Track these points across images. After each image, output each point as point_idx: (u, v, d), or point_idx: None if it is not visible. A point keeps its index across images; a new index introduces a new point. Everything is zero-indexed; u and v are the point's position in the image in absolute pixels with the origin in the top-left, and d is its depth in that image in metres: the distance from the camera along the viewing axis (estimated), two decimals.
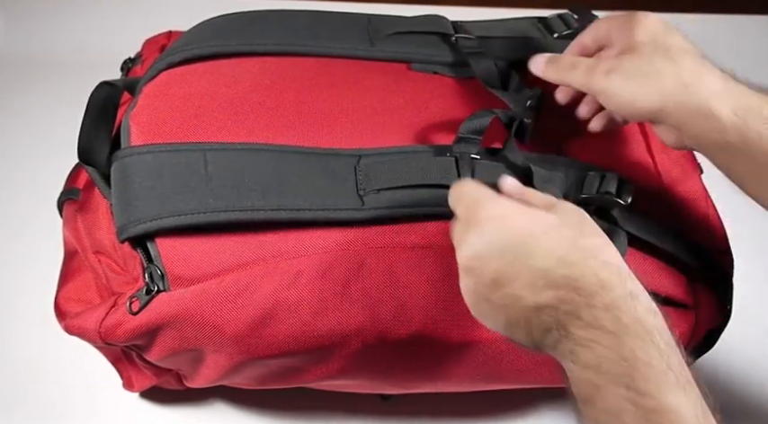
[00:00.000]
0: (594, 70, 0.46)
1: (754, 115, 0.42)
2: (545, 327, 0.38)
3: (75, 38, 0.98)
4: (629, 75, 0.44)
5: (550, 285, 0.37)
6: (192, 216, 0.47)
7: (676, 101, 0.43)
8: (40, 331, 0.64)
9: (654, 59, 0.44)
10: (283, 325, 0.48)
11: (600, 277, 0.37)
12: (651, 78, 0.44)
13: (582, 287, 0.37)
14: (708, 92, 0.43)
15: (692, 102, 0.43)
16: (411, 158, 0.50)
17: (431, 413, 0.64)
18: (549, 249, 0.38)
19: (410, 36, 0.60)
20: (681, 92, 0.43)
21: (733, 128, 0.42)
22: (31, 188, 0.79)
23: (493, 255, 0.39)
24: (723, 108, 0.42)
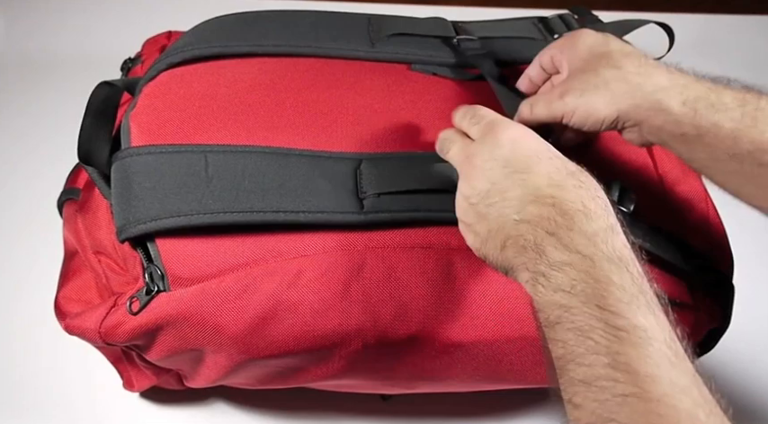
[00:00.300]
0: (551, 99, 0.48)
1: (703, 104, 0.44)
2: (521, 244, 0.39)
3: (75, 38, 0.98)
4: (581, 91, 0.47)
5: (537, 201, 0.39)
6: (191, 217, 0.47)
7: (629, 103, 0.45)
8: (40, 331, 0.64)
9: (599, 70, 0.46)
10: (283, 325, 0.48)
11: (586, 205, 0.38)
12: (601, 88, 0.46)
13: (567, 211, 0.38)
14: (655, 87, 0.44)
15: (643, 101, 0.45)
16: (412, 163, 0.50)
17: (431, 413, 0.64)
18: (548, 171, 0.40)
19: (411, 37, 0.60)
20: (631, 93, 0.45)
21: (685, 120, 0.44)
22: (31, 188, 0.79)
23: (496, 164, 0.41)
24: (672, 100, 0.44)
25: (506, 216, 0.40)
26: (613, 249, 0.37)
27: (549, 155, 0.41)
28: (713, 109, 0.43)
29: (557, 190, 0.39)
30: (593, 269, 0.36)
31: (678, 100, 0.44)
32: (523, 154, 0.41)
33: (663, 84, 0.44)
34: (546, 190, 0.39)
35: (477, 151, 0.43)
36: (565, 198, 0.38)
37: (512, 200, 0.40)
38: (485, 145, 0.42)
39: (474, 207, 0.42)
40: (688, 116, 0.44)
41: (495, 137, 0.42)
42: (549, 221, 0.38)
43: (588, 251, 0.37)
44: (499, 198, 0.40)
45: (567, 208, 0.38)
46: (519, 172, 0.40)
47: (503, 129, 0.42)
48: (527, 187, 0.39)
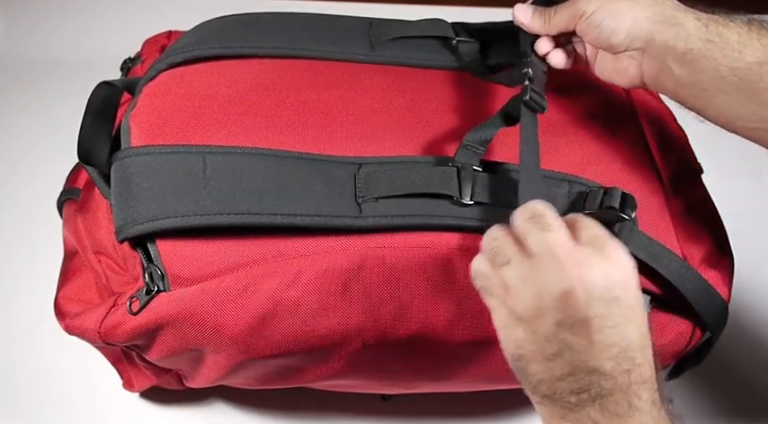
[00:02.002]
0: (574, 3, 0.50)
1: (714, 22, 0.46)
2: (581, 387, 0.37)
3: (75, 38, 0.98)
4: (599, 2, 0.48)
5: (620, 357, 0.37)
6: (187, 218, 0.47)
7: (647, 14, 0.47)
8: (40, 331, 0.64)
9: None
10: (283, 325, 0.48)
11: (651, 366, 0.38)
12: (619, 5, 0.48)
13: (642, 374, 0.37)
14: (674, 5, 0.48)
15: (660, 15, 0.47)
16: (411, 167, 0.50)
17: (431, 413, 0.64)
18: (639, 321, 0.38)
19: (411, 40, 0.60)
20: (651, 5, 0.48)
21: (696, 33, 0.46)
22: (31, 187, 0.79)
23: (603, 298, 0.37)
24: (689, 17, 0.47)
25: (582, 360, 0.37)
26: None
27: (636, 295, 0.38)
28: (722, 25, 0.46)
29: (639, 351, 0.37)
30: None
31: (695, 16, 0.47)
32: (627, 289, 0.37)
33: (680, 5, 0.48)
34: (634, 346, 0.37)
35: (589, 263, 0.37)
36: (644, 360, 0.37)
37: (599, 344, 0.37)
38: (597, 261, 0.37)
39: (556, 326, 0.37)
40: (699, 29, 0.46)
41: (608, 256, 0.38)
42: (621, 378, 0.37)
43: None
44: (587, 338, 0.37)
45: (643, 371, 0.37)
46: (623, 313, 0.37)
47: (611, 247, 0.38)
48: (622, 338, 0.37)
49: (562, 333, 0.37)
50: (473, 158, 0.50)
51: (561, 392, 0.38)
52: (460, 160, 0.50)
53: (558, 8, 0.51)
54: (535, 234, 0.38)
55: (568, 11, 0.50)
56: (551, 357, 0.38)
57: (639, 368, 0.37)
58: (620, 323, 0.37)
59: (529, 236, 0.39)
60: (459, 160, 0.50)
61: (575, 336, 0.37)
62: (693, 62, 0.46)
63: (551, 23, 0.52)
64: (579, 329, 0.37)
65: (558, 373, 0.38)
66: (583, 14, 0.49)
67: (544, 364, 0.38)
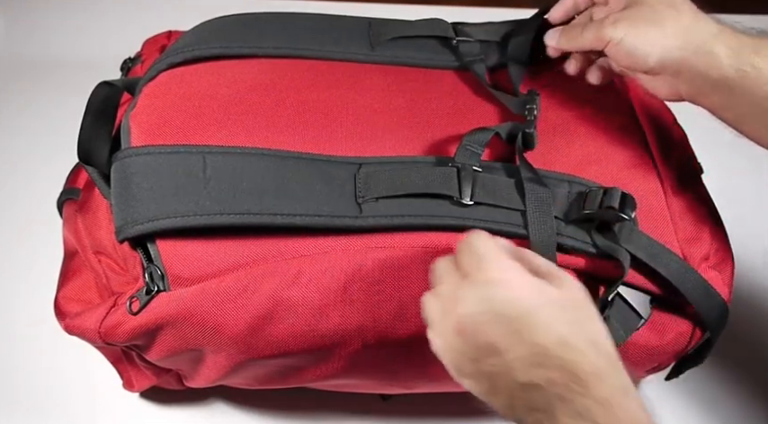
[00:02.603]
0: (603, 23, 0.49)
1: (748, 50, 0.46)
2: (530, 406, 0.37)
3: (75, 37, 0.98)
4: (635, 22, 0.48)
5: (545, 364, 0.36)
6: (187, 218, 0.47)
7: (677, 44, 0.47)
8: (40, 331, 0.64)
9: (657, 8, 0.48)
10: (283, 325, 0.48)
11: (598, 366, 0.36)
12: (656, 24, 0.48)
13: (578, 374, 0.36)
14: (706, 32, 0.47)
15: (691, 44, 0.47)
16: (411, 166, 0.50)
17: (431, 413, 0.64)
18: (551, 327, 0.37)
19: (411, 40, 0.60)
20: (682, 34, 0.47)
21: (728, 63, 0.46)
22: (30, 187, 0.79)
23: (492, 320, 0.37)
24: (719, 45, 0.46)
25: (512, 379, 0.37)
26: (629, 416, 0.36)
27: (546, 303, 0.38)
28: (756, 54, 0.45)
29: (565, 351, 0.36)
30: None
31: (724, 44, 0.46)
32: (518, 306, 0.37)
33: (713, 31, 0.47)
34: (554, 352, 0.36)
35: (461, 294, 0.39)
36: (575, 360, 0.36)
37: (517, 363, 0.37)
38: (470, 291, 0.38)
39: (473, 363, 0.38)
40: (731, 59, 0.46)
41: (479, 282, 0.38)
42: (559, 387, 0.36)
43: (604, 421, 0.35)
44: (502, 359, 0.37)
45: (578, 372, 0.36)
46: (520, 330, 0.37)
47: (487, 270, 0.38)
48: (532, 348, 0.36)
49: (481, 366, 0.38)
50: (473, 158, 0.50)
51: (521, 416, 0.38)
52: (460, 160, 0.50)
53: (585, 30, 0.51)
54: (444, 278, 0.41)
55: (595, 34, 0.50)
56: (489, 390, 0.39)
57: (574, 365, 0.36)
58: (522, 335, 0.37)
59: None
60: (458, 160, 0.50)
61: (492, 365, 0.37)
62: (728, 89, 0.46)
63: (577, 43, 0.53)
64: (491, 356, 0.37)
65: (506, 401, 0.38)
66: (610, 41, 0.49)
67: (489, 397, 0.39)
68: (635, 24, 0.48)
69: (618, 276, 0.48)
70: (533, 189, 0.49)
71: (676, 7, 0.48)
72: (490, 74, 0.59)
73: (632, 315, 0.50)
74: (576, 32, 0.52)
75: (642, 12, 0.49)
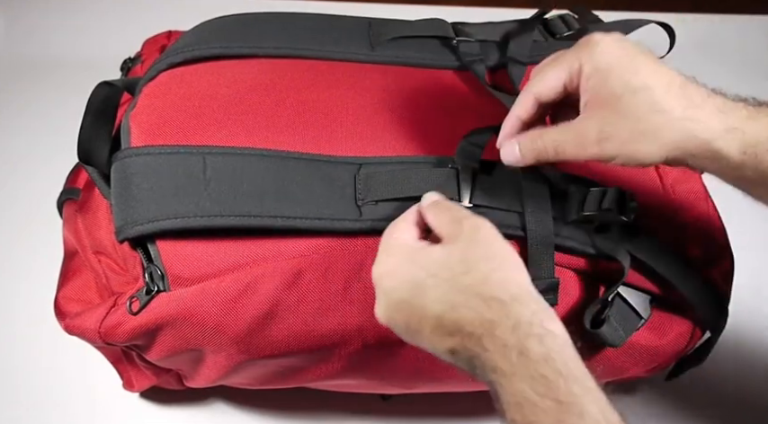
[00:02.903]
0: (584, 143, 0.42)
1: (764, 147, 0.40)
2: (468, 365, 0.40)
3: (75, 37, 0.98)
4: (623, 140, 0.41)
5: (447, 332, 0.39)
6: (188, 220, 0.47)
7: (681, 150, 0.41)
8: (40, 331, 0.64)
9: (640, 116, 0.41)
10: (283, 325, 0.48)
11: (486, 317, 0.38)
12: (648, 137, 0.41)
13: (472, 332, 0.38)
14: (710, 135, 0.40)
15: (696, 149, 0.41)
16: (411, 169, 0.50)
17: (431, 413, 0.64)
18: (437, 295, 0.39)
19: (411, 40, 0.60)
20: (682, 142, 0.41)
21: (746, 166, 0.41)
22: (30, 188, 0.79)
23: (395, 310, 0.41)
24: (730, 149, 0.40)
25: (441, 350, 0.40)
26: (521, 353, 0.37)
27: (427, 273, 0.40)
28: (759, 148, 0.40)
29: (454, 314, 0.39)
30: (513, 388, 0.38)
31: (737, 148, 0.40)
32: (405, 289, 0.41)
33: (717, 131, 0.40)
34: (447, 318, 0.39)
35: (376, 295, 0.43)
36: (464, 320, 0.39)
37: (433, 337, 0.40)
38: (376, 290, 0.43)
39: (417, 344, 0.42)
40: (748, 162, 0.40)
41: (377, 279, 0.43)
42: (466, 348, 0.39)
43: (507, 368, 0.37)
44: (422, 337, 0.41)
45: (471, 330, 0.38)
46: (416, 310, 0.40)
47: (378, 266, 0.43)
48: (431, 322, 0.40)
49: (418, 343, 0.42)
50: (472, 159, 0.50)
51: (475, 374, 0.40)
52: (460, 160, 0.50)
53: (559, 147, 0.43)
54: None
55: (575, 154, 0.43)
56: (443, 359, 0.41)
57: (464, 325, 0.38)
58: (418, 313, 0.40)
59: None
60: (458, 160, 0.50)
61: (420, 342, 0.41)
62: (746, 183, 0.42)
63: (549, 158, 0.44)
64: (415, 336, 0.41)
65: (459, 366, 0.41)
66: (598, 159, 0.43)
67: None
68: (624, 143, 0.41)
69: (618, 276, 0.48)
70: (532, 190, 0.49)
71: (663, 108, 0.40)
72: (490, 74, 0.59)
73: (632, 315, 0.50)
74: (548, 150, 0.44)
75: (624, 126, 0.41)
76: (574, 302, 0.51)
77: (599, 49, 0.42)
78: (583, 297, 0.50)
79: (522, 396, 0.37)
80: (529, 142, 0.45)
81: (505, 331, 0.38)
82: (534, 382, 0.36)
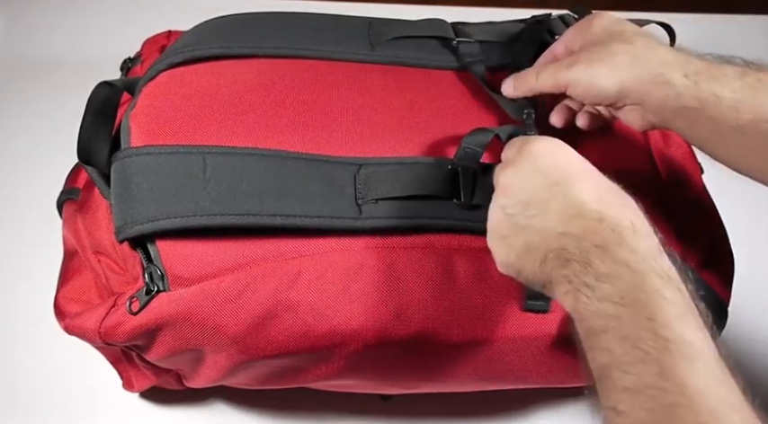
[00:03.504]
0: (558, 68, 0.49)
1: (704, 77, 0.44)
2: (564, 257, 0.38)
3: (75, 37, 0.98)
4: (588, 62, 0.47)
5: (584, 215, 0.38)
6: (187, 219, 0.47)
7: (632, 75, 0.46)
8: (40, 331, 0.64)
9: (609, 44, 0.47)
10: (283, 325, 0.48)
11: (635, 223, 0.38)
12: (608, 60, 0.46)
13: (615, 226, 0.37)
14: (659, 61, 0.45)
15: (645, 74, 0.45)
16: (411, 168, 0.50)
17: (431, 413, 0.64)
18: (592, 185, 0.39)
19: (411, 40, 0.60)
20: (635, 65, 0.46)
21: (687, 92, 0.44)
22: (30, 188, 0.79)
23: (536, 176, 0.41)
24: (674, 73, 0.45)
25: (549, 229, 0.39)
26: (662, 267, 0.37)
27: (590, 170, 0.41)
28: (714, 80, 0.44)
29: (603, 206, 0.38)
30: (643, 282, 0.36)
31: (680, 73, 0.45)
32: (564, 166, 0.41)
33: (666, 59, 0.45)
34: (592, 205, 0.38)
35: (515, 161, 0.42)
36: (612, 214, 0.38)
37: (554, 213, 0.39)
38: (522, 157, 0.42)
39: (511, 218, 0.41)
40: (689, 88, 0.44)
41: (532, 150, 0.42)
42: (596, 235, 0.37)
43: (638, 267, 0.36)
44: (540, 209, 0.39)
45: (615, 224, 0.37)
46: (561, 184, 0.40)
47: (539, 142, 0.42)
48: (572, 200, 0.39)
49: (518, 219, 0.41)
50: (472, 160, 0.50)
51: (550, 274, 0.39)
52: (460, 161, 0.50)
53: (540, 75, 0.50)
54: None
55: (551, 79, 0.49)
56: (522, 251, 0.40)
57: (612, 218, 0.38)
58: (564, 188, 0.40)
59: None
60: (458, 161, 0.50)
61: (529, 216, 0.40)
62: (690, 119, 0.45)
63: (533, 88, 0.51)
64: (530, 207, 0.40)
65: (538, 260, 0.40)
66: (569, 83, 0.48)
67: (520, 260, 0.41)
68: (589, 64, 0.47)
69: None
70: None
71: (628, 40, 0.47)
72: (491, 74, 0.59)
73: None
74: (530, 78, 0.51)
75: (595, 51, 0.48)
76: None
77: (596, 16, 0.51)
78: None
79: (655, 290, 0.36)
80: (519, 74, 0.52)
81: (651, 245, 0.38)
82: (670, 287, 0.36)
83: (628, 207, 0.39)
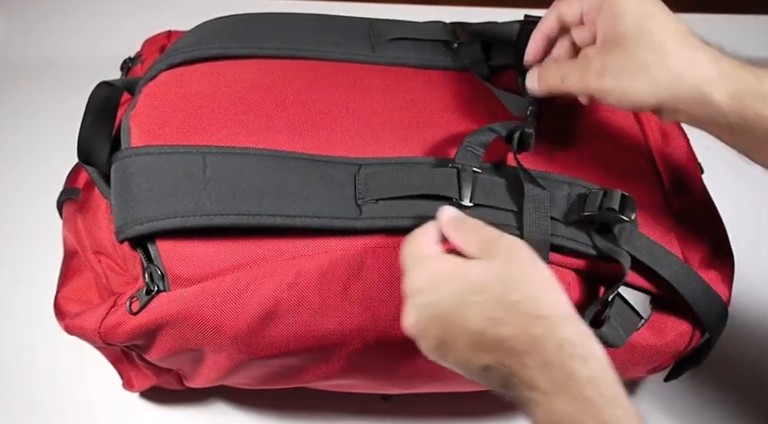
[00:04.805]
0: (586, 74, 0.46)
1: (751, 96, 0.42)
2: (501, 383, 0.39)
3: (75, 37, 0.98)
4: (619, 74, 0.44)
5: (486, 348, 0.39)
6: (187, 219, 0.47)
7: (671, 93, 0.43)
8: (40, 331, 0.64)
9: (639, 53, 0.44)
10: (283, 325, 0.48)
11: (531, 334, 0.38)
12: (642, 74, 0.43)
13: (514, 348, 0.38)
14: (700, 79, 0.42)
15: (686, 92, 0.43)
16: (412, 169, 0.50)
17: (431, 413, 0.64)
18: (479, 311, 0.39)
19: (411, 42, 0.60)
20: (673, 83, 0.43)
21: (731, 112, 0.42)
22: (30, 188, 0.79)
23: (430, 323, 0.40)
24: (719, 93, 0.42)
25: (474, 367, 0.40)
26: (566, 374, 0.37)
27: (471, 288, 0.40)
28: (762, 100, 0.42)
29: (497, 330, 0.39)
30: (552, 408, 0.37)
31: (725, 92, 0.42)
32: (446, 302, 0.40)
33: (708, 76, 0.42)
34: (488, 334, 0.39)
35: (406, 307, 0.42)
36: (508, 336, 0.38)
37: (467, 353, 0.40)
38: (408, 301, 0.42)
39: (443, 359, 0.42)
40: (735, 108, 0.42)
41: (412, 291, 0.42)
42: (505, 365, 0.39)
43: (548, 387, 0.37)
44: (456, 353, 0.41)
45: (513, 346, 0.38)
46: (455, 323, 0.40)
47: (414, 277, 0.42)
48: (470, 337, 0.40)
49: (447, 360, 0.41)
50: (473, 160, 0.50)
51: (505, 392, 0.40)
52: (460, 161, 0.50)
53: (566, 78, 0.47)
54: None
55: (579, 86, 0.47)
56: (469, 377, 0.41)
57: (507, 342, 0.38)
58: (456, 327, 0.39)
59: None
60: (459, 161, 0.50)
61: (453, 358, 0.41)
62: (732, 133, 0.44)
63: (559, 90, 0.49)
64: (447, 351, 0.41)
65: (489, 383, 0.40)
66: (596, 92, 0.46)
67: (477, 380, 0.41)
68: (620, 77, 0.44)
69: (618, 277, 0.48)
70: (531, 191, 0.49)
71: (661, 50, 0.43)
72: (491, 75, 0.59)
73: (632, 315, 0.50)
74: (555, 78, 0.49)
75: (624, 61, 0.44)
76: (574, 302, 0.50)
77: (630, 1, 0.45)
78: (583, 298, 0.50)
79: (562, 415, 0.36)
80: (543, 69, 0.50)
81: (550, 348, 0.37)
82: (577, 402, 0.36)
83: (521, 313, 0.39)
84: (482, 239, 0.42)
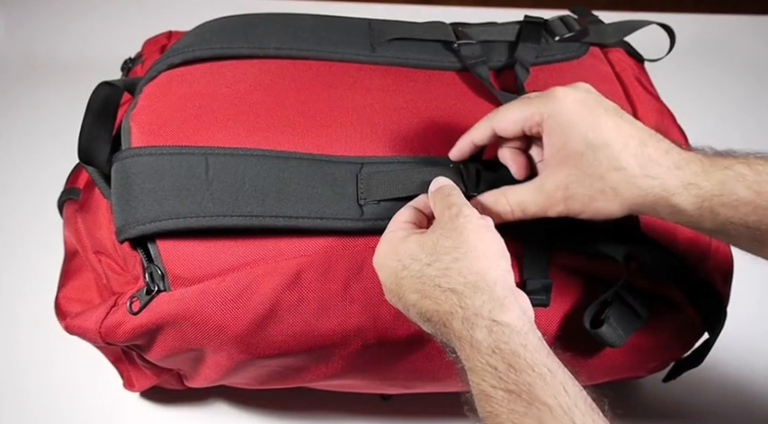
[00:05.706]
0: (550, 205, 0.44)
1: (717, 204, 0.41)
2: (449, 351, 0.42)
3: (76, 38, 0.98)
4: (587, 198, 0.43)
5: (424, 318, 0.42)
6: (189, 220, 0.47)
7: (641, 205, 0.42)
8: (40, 330, 0.65)
9: (603, 174, 0.42)
10: (284, 325, 0.48)
11: (442, 308, 0.40)
12: (608, 194, 0.42)
13: (435, 322, 0.41)
14: (666, 191, 0.41)
15: (657, 205, 0.42)
16: (413, 168, 0.50)
17: (431, 413, 0.64)
18: (409, 286, 0.42)
19: (411, 42, 0.60)
20: (642, 197, 0.42)
21: (703, 218, 0.42)
22: (31, 188, 0.79)
23: (391, 296, 0.44)
24: (687, 203, 0.41)
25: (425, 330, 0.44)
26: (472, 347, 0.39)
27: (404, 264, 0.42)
28: (729, 207, 0.41)
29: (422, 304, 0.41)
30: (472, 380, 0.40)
31: (693, 202, 0.41)
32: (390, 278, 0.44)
33: (674, 187, 0.41)
34: (417, 308, 0.42)
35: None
36: (429, 310, 0.41)
37: (415, 320, 0.43)
38: None
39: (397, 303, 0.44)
40: (706, 215, 0.41)
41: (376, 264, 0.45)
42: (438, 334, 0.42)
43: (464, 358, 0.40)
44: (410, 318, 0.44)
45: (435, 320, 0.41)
46: (398, 297, 0.43)
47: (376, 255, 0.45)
48: (410, 309, 0.43)
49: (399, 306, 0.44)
50: (474, 159, 0.50)
51: None
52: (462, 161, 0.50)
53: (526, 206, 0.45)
54: None
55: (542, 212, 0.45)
56: None
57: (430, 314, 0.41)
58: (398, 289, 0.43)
59: None
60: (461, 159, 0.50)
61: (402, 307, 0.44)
62: (706, 232, 0.43)
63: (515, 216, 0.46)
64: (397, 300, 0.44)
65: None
66: (565, 214, 0.45)
67: None
68: (588, 203, 0.43)
69: (618, 277, 0.48)
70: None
71: (621, 166, 0.41)
72: (492, 75, 0.59)
73: (632, 315, 0.50)
74: (507, 211, 0.46)
75: (586, 185, 0.43)
76: (573, 302, 0.51)
77: (562, 105, 0.43)
78: (582, 297, 0.50)
79: (477, 388, 0.38)
80: (493, 202, 0.46)
81: (458, 322, 0.39)
82: (485, 373, 0.38)
83: (435, 286, 0.40)
84: (442, 206, 0.44)
